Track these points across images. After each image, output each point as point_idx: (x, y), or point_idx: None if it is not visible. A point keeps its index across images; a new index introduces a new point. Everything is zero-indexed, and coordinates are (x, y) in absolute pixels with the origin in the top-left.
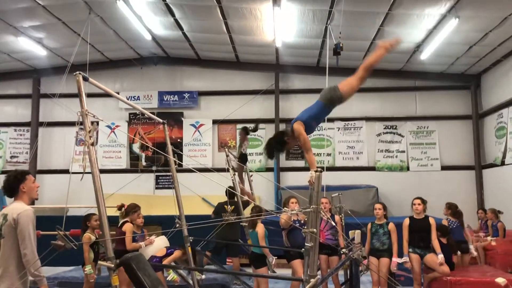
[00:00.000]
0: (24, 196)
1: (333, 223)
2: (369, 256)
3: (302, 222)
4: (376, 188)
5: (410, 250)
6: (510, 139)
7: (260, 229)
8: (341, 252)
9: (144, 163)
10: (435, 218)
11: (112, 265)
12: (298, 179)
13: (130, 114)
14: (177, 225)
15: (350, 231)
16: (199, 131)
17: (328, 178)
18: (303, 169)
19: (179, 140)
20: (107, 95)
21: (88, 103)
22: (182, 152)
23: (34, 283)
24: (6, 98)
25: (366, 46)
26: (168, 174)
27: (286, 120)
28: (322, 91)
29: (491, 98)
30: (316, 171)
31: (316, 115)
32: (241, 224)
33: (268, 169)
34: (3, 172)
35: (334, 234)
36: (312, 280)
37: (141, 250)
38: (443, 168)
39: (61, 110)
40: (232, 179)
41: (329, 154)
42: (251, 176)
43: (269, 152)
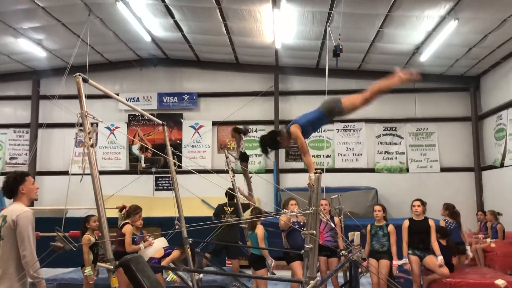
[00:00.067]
0: (24, 198)
1: (333, 225)
2: (369, 258)
3: (302, 224)
4: (376, 190)
5: (410, 252)
6: (510, 141)
7: (260, 231)
8: (341, 254)
9: (144, 165)
10: (434, 220)
11: (112, 267)
12: (298, 181)
13: (130, 116)
14: (177, 227)
15: (350, 233)
16: (199, 133)
17: (328, 180)
18: (303, 171)
19: (179, 142)
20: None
21: (88, 105)
22: (182, 154)
23: (33, 285)
24: (6, 100)
25: (366, 48)
26: (168, 176)
27: (286, 122)
28: (325, 100)
29: (491, 100)
30: (316, 173)
31: (314, 122)
32: (241, 226)
33: (268, 171)
34: (3, 174)
35: (334, 236)
36: (312, 282)
37: (141, 252)
38: (443, 170)
39: (61, 112)
40: (232, 181)
41: (329, 156)
42: (251, 177)
43: (263, 148)
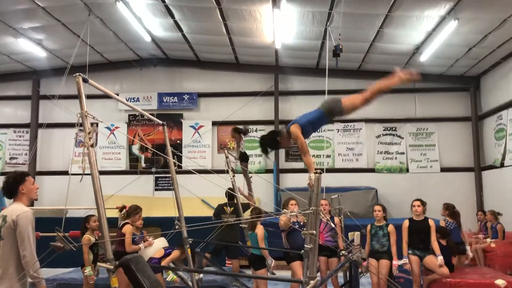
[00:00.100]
0: (24, 198)
1: (333, 225)
2: (369, 258)
3: (302, 224)
4: (376, 190)
5: (410, 252)
6: (510, 141)
7: (260, 231)
8: (341, 254)
9: (144, 165)
10: (434, 220)
11: (112, 267)
12: (298, 181)
13: (130, 116)
14: (177, 227)
15: (350, 233)
16: (199, 133)
17: (328, 180)
18: (303, 171)
19: (179, 142)
20: (107, 97)
21: (88, 105)
22: (182, 154)
23: (33, 285)
24: (6, 100)
25: (366, 48)
26: (168, 176)
27: (286, 122)
28: (325, 100)
29: (491, 100)
30: (316, 173)
31: (314, 122)
32: (241, 226)
33: (268, 171)
34: (3, 174)
35: (334, 236)
36: (312, 282)
37: (141, 252)
38: (443, 170)
39: (61, 112)
40: (232, 181)
41: (329, 156)
42: (251, 177)
43: (263, 148)
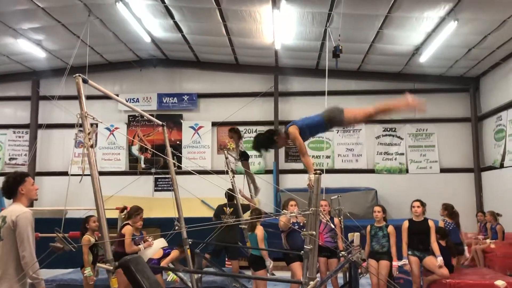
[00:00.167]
0: (23, 198)
1: (332, 226)
2: (368, 259)
3: (301, 225)
4: (375, 191)
5: (409, 253)
6: (509, 142)
7: (259, 232)
8: (340, 255)
9: (143, 165)
10: (434, 221)
11: (111, 267)
12: (298, 181)
13: (129, 116)
14: (176, 228)
15: (349, 234)
16: (198, 133)
17: (327, 181)
18: (302, 172)
19: (178, 142)
20: (106, 97)
21: (87, 105)
22: (181, 154)
23: (33, 286)
24: (5, 100)
25: (365, 49)
26: (167, 176)
27: (285, 123)
28: (328, 108)
29: (490, 101)
30: (315, 173)
31: (313, 127)
32: (240, 227)
33: (267, 172)
34: (2, 174)
35: (333, 237)
36: (311, 283)
37: (140, 253)
38: (442, 171)
39: (60, 112)
40: (231, 182)
41: (328, 157)
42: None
43: (256, 146)
